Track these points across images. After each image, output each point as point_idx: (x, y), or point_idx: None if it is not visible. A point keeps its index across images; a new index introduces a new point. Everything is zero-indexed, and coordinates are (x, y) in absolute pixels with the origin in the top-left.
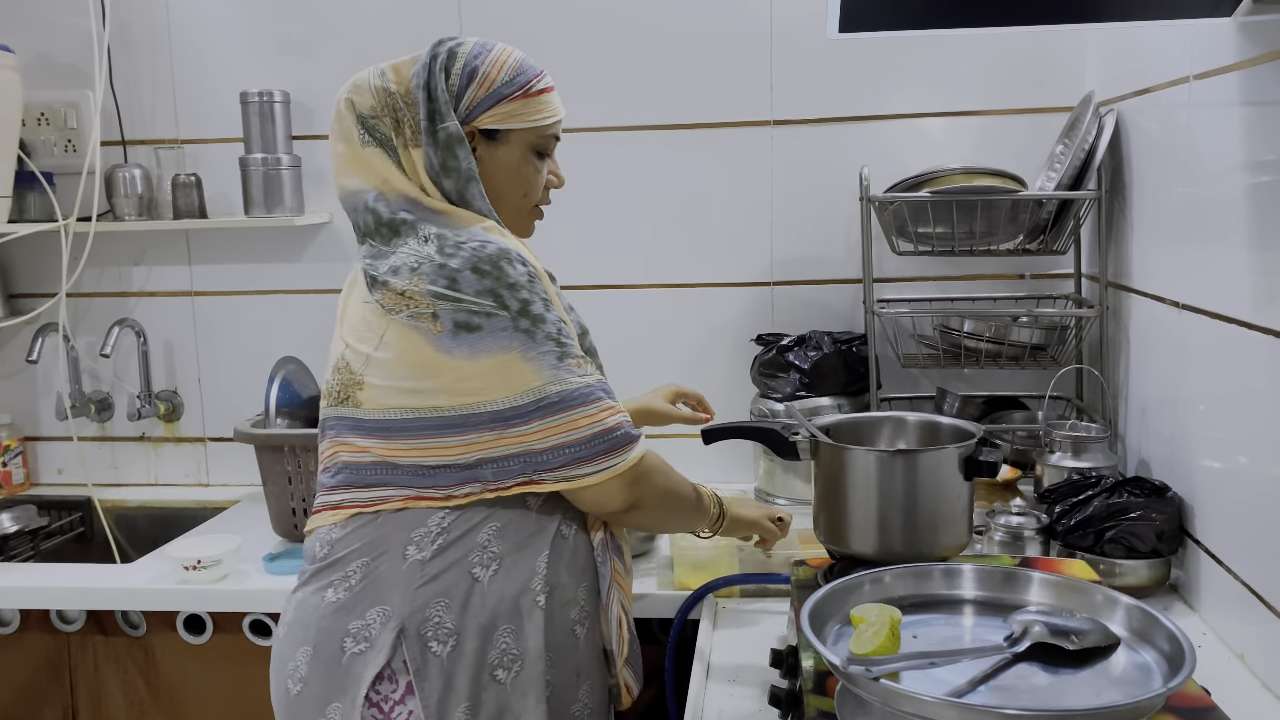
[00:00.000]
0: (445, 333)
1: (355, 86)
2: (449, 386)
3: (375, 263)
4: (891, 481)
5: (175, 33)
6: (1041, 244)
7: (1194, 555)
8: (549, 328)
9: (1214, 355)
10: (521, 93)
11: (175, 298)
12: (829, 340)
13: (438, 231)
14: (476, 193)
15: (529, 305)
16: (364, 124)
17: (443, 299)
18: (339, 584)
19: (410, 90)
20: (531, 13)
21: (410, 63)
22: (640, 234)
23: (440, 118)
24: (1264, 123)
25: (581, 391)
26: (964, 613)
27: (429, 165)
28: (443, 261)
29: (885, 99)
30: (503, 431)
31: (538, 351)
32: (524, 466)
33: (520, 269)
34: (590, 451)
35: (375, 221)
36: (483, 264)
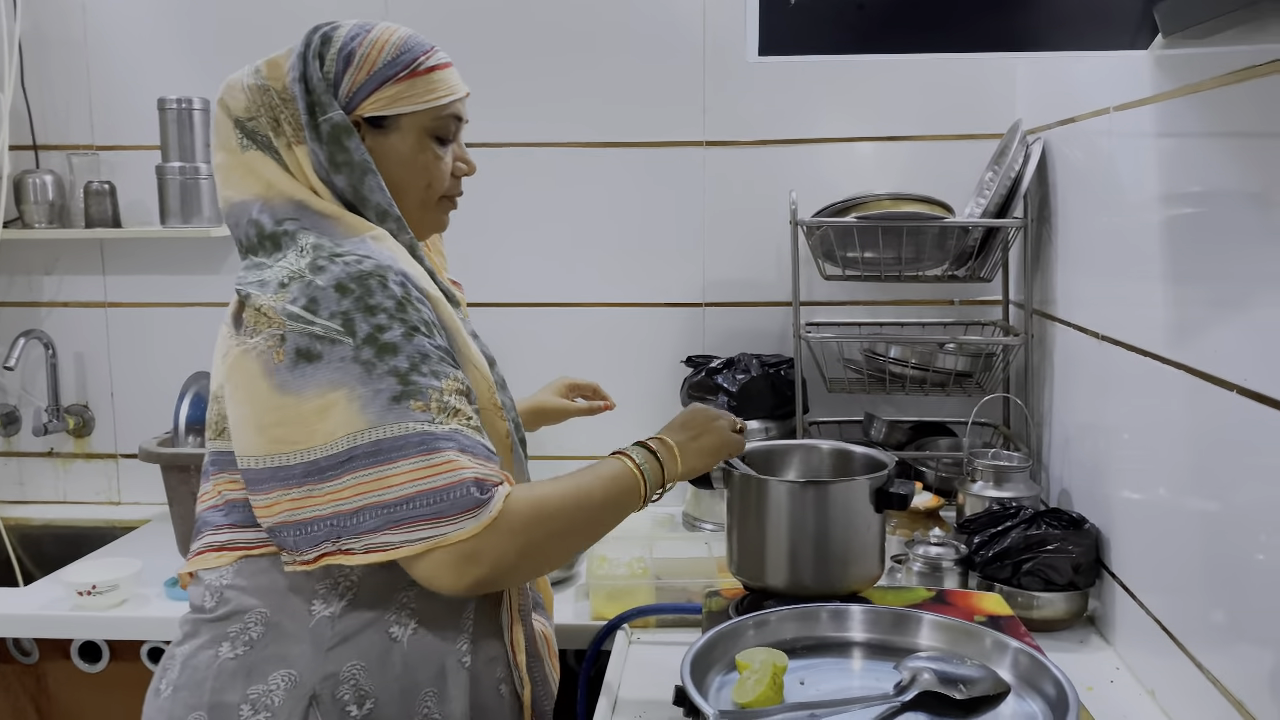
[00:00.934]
0: (284, 363)
1: (228, 88)
2: (269, 429)
3: (248, 275)
4: (802, 513)
5: (92, 35)
6: (969, 271)
7: (1110, 588)
8: (397, 361)
9: (1132, 388)
10: (408, 72)
11: (88, 309)
12: (757, 363)
13: (316, 242)
14: (374, 185)
15: (381, 332)
16: (241, 127)
17: (296, 320)
18: (236, 639)
19: (287, 85)
20: (463, 27)
21: (286, 55)
22: (571, 252)
23: (321, 109)
24: (1177, 155)
25: (409, 439)
26: (854, 656)
27: (316, 163)
28: (311, 278)
29: (817, 123)
30: (314, 488)
31: (370, 389)
32: (329, 532)
33: (393, 290)
34: (407, 515)
35: (259, 234)
36: (350, 281)
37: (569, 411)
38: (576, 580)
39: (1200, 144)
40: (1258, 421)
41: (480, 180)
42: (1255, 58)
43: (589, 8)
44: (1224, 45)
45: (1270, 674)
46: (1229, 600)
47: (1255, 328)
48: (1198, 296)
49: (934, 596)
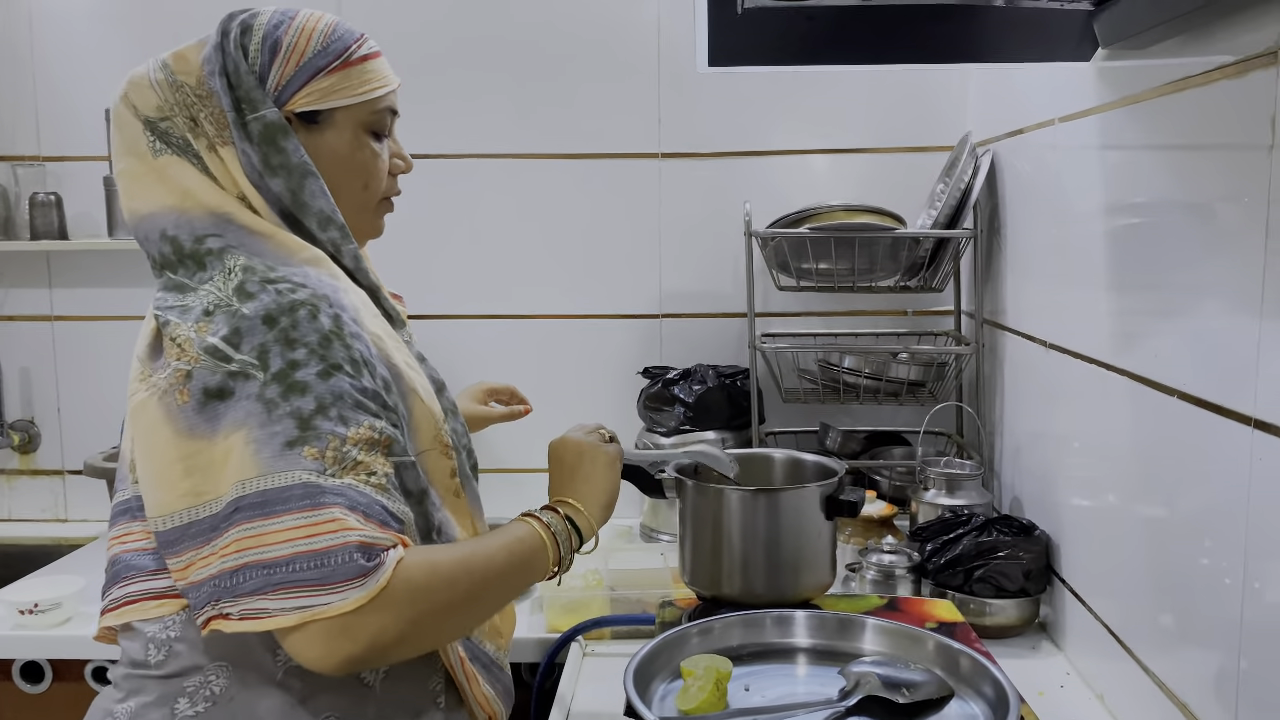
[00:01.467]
0: (190, 405)
1: (133, 85)
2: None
3: (167, 297)
4: (753, 520)
5: (39, 46)
6: (921, 281)
7: (1060, 594)
8: (303, 402)
9: (1079, 395)
10: (340, 62)
11: (34, 322)
12: (714, 374)
13: (246, 264)
14: (316, 190)
15: (294, 369)
16: (153, 129)
17: (212, 354)
18: (195, 695)
19: (203, 79)
20: (419, 37)
21: (198, 47)
22: (527, 264)
23: (250, 106)
24: (1119, 166)
25: (293, 491)
26: (799, 662)
27: (248, 166)
28: (238, 306)
29: (772, 135)
30: (216, 544)
31: (267, 432)
32: (211, 593)
33: (322, 323)
34: (284, 578)
35: (176, 252)
36: (279, 312)
37: (488, 418)
38: (531, 593)
39: (1141, 154)
40: (1197, 426)
41: (435, 191)
42: (1191, 69)
43: (545, 21)
44: (1162, 57)
45: (1215, 677)
46: (1175, 604)
47: (1194, 334)
48: (1140, 304)
49: (886, 604)
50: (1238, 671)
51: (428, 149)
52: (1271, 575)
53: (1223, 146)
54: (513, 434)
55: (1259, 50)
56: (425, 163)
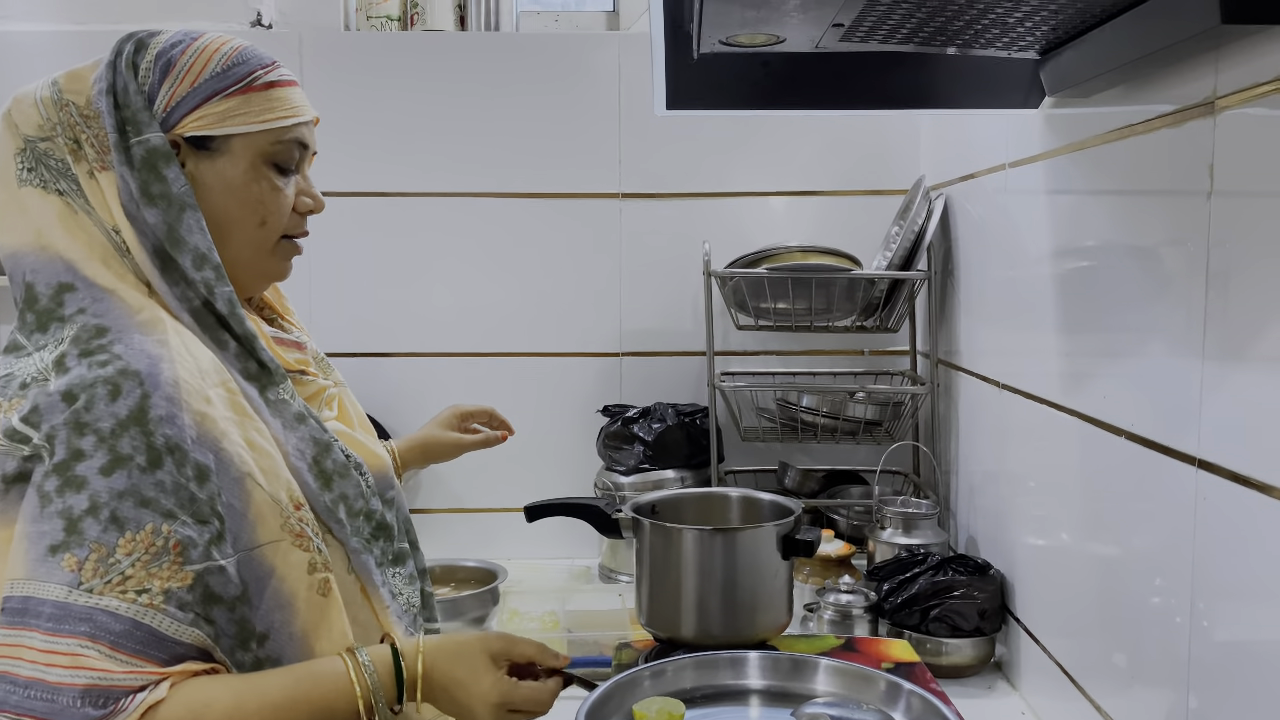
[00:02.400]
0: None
1: (17, 102)
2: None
3: (4, 359)
4: (710, 560)
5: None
6: (877, 321)
7: (1015, 633)
8: (75, 500)
9: (1030, 435)
10: (241, 86)
11: None
12: (673, 413)
13: (76, 331)
14: (193, 224)
15: (77, 460)
16: (31, 151)
17: (10, 438)
18: None
19: (90, 99)
20: (375, 77)
21: (91, 67)
22: (487, 302)
23: (134, 128)
24: (1066, 210)
25: (44, 608)
26: (751, 704)
27: (125, 195)
28: (47, 380)
29: (731, 177)
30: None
31: (35, 529)
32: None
33: (120, 406)
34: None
35: (28, 301)
36: (80, 389)
37: (463, 445)
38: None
39: (1086, 199)
40: (1144, 466)
41: (397, 229)
42: (1133, 117)
43: (506, 60)
44: (1105, 105)
45: (1166, 715)
46: (1126, 643)
47: (1140, 375)
48: (1088, 345)
49: (843, 644)
50: (1187, 710)
51: (385, 187)
52: (1218, 614)
53: (1164, 192)
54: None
55: (1197, 100)
56: (385, 201)
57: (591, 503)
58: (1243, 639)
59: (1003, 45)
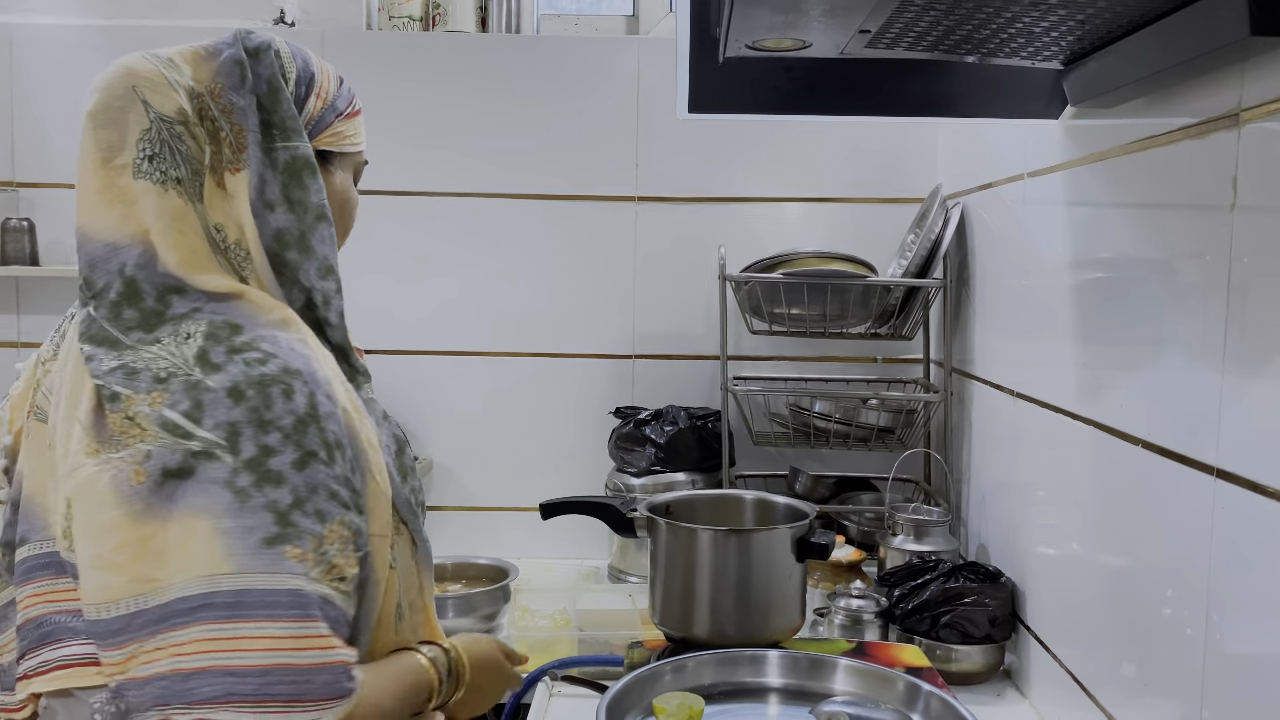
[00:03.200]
0: (145, 486)
1: (145, 80)
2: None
3: (104, 357)
4: (724, 561)
5: (18, 70)
6: (891, 329)
7: (1025, 641)
8: (279, 494)
9: (1044, 443)
10: (350, 110)
11: (1, 349)
12: (685, 415)
13: (209, 326)
14: (325, 236)
15: (269, 456)
16: (159, 133)
17: (170, 431)
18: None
19: (221, 94)
20: (396, 76)
21: (201, 56)
22: (503, 302)
23: (283, 134)
24: (1084, 221)
25: (279, 596)
26: (770, 702)
27: (258, 194)
28: (200, 377)
29: (747, 182)
30: (164, 638)
31: (240, 524)
32: (161, 695)
33: (297, 403)
34: (258, 692)
35: (127, 297)
36: (248, 386)
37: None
38: (498, 632)
39: (1106, 211)
40: (1160, 475)
41: (411, 227)
42: (1156, 129)
43: (526, 62)
44: (1128, 116)
45: None
46: (1138, 653)
47: (1158, 385)
48: (1105, 356)
49: (854, 649)
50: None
51: (405, 186)
52: (1232, 626)
53: (1186, 204)
54: (482, 469)
55: (1221, 112)
56: (402, 200)
57: (607, 501)
58: (1259, 651)
59: (1027, 55)
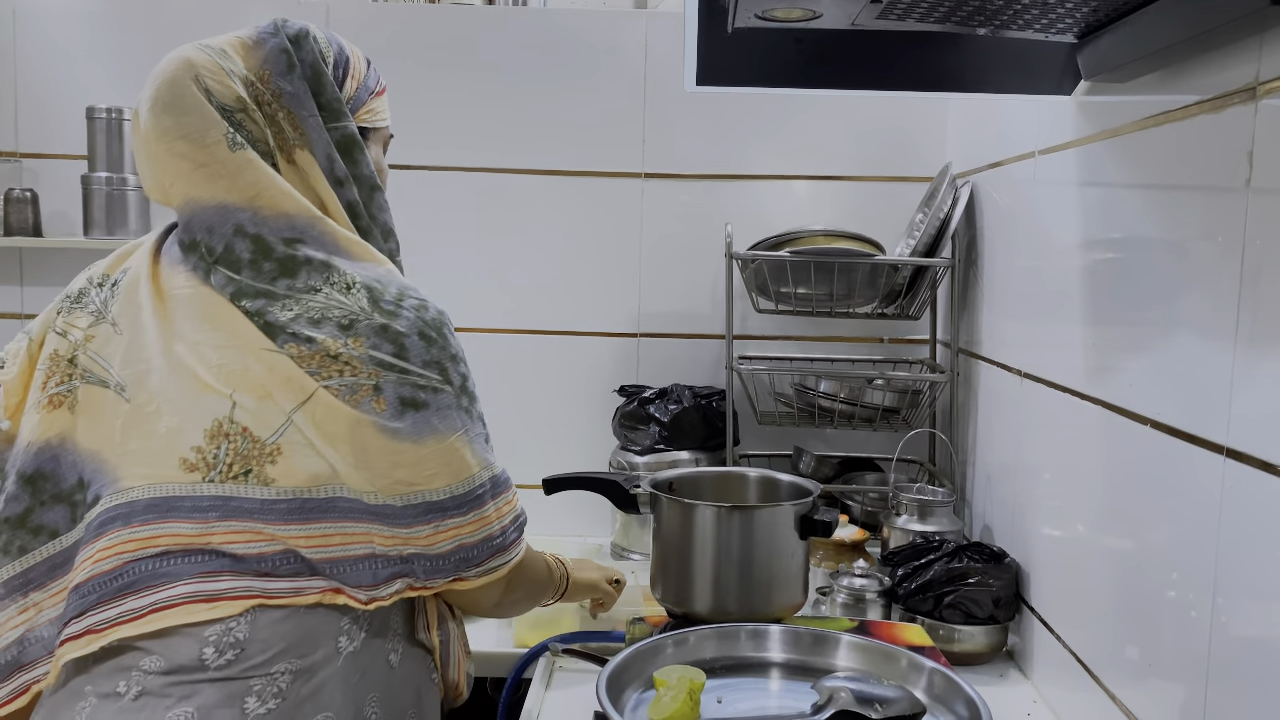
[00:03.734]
0: (389, 411)
1: (204, 70)
2: (386, 472)
3: (270, 307)
4: (727, 537)
5: (21, 41)
6: (898, 309)
7: (1029, 622)
8: (479, 406)
9: (1052, 424)
10: (380, 88)
11: (3, 320)
12: (690, 394)
13: (363, 281)
14: (383, 202)
15: (467, 380)
16: (230, 118)
17: (389, 369)
18: (264, 692)
19: (270, 79)
20: (399, 49)
21: (247, 45)
22: (507, 278)
23: (332, 115)
24: (1096, 199)
25: (504, 477)
26: (772, 676)
27: (329, 172)
28: (385, 322)
29: (755, 160)
30: (440, 524)
31: (475, 433)
32: (458, 564)
33: (456, 338)
34: (504, 540)
35: (258, 251)
36: (429, 329)
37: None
38: None
39: (1119, 188)
40: (1169, 455)
41: (415, 202)
42: (1171, 104)
43: (533, 36)
44: (1142, 92)
45: (1181, 707)
46: (1142, 635)
47: (1168, 365)
48: (1115, 336)
49: (857, 627)
50: (1204, 703)
51: (410, 160)
52: (1238, 608)
53: (1200, 180)
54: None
55: (1237, 86)
56: (407, 174)
57: (610, 477)
58: (1266, 635)
59: (1041, 27)
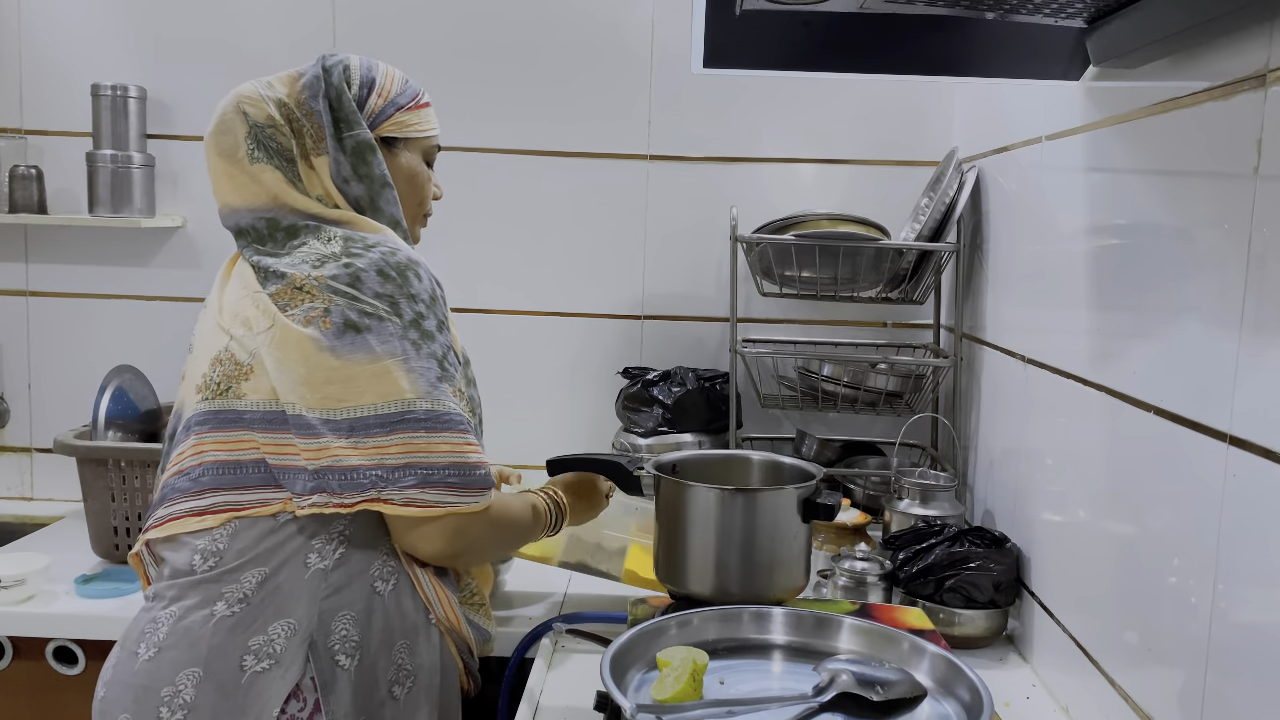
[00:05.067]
0: (332, 330)
1: (246, 98)
2: (320, 386)
3: (268, 259)
4: (730, 520)
5: (26, 18)
6: (902, 293)
7: (1029, 607)
8: (434, 348)
9: (1055, 410)
10: (413, 103)
11: (8, 297)
12: (693, 377)
13: (345, 234)
14: (391, 198)
15: (422, 320)
16: (256, 136)
17: (339, 294)
18: (230, 597)
19: (304, 102)
20: (403, 29)
21: (294, 77)
22: (512, 259)
23: (347, 125)
24: (1103, 185)
25: (452, 417)
26: (774, 659)
27: (335, 172)
28: (348, 261)
29: (760, 143)
30: (361, 440)
31: (418, 365)
32: (374, 482)
33: (425, 284)
34: (442, 479)
35: (271, 227)
36: (389, 269)
37: None
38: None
39: (1126, 174)
40: (1172, 442)
41: None
42: (1179, 90)
43: (538, 19)
44: (1151, 78)
45: (1180, 692)
46: (1142, 621)
47: (1173, 352)
48: (1120, 322)
49: (857, 610)
50: (1204, 688)
51: None
52: (1239, 595)
53: (1208, 167)
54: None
55: (1246, 73)
56: None
57: (614, 459)
58: (1266, 620)
59: (1050, 12)
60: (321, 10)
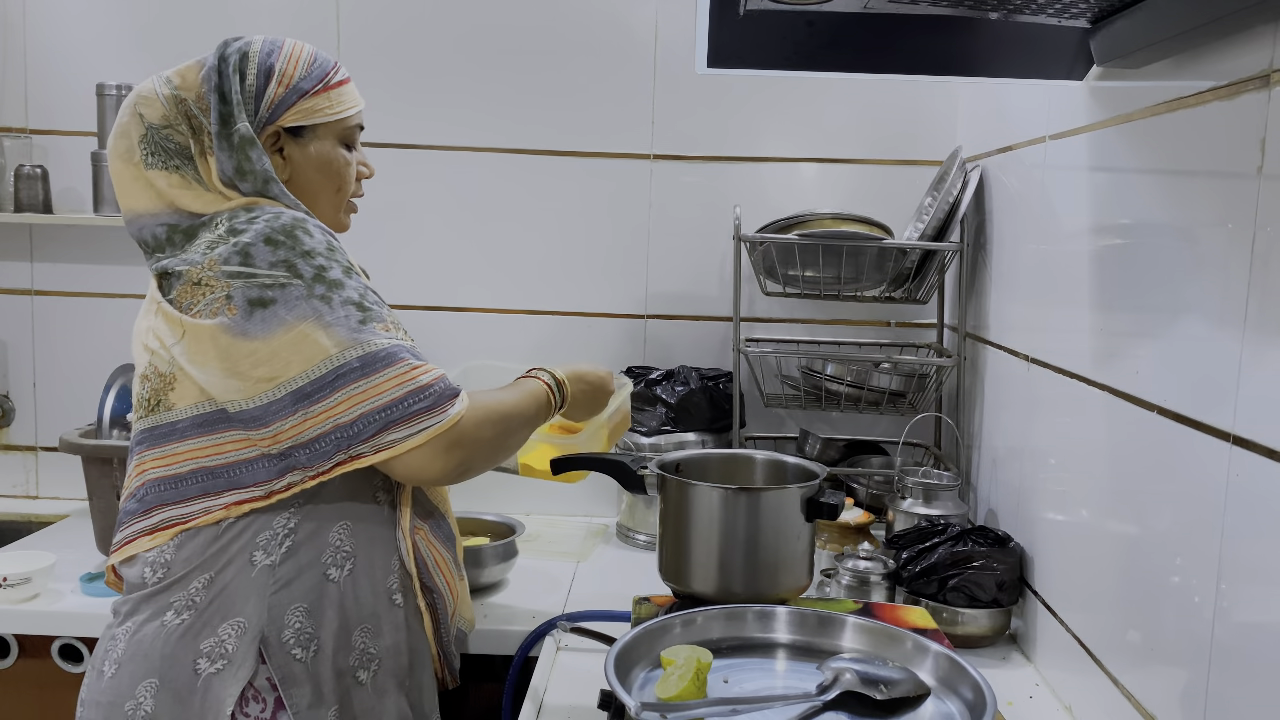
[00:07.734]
0: (239, 314)
1: (142, 98)
2: (248, 373)
3: (167, 260)
4: (733, 519)
5: (31, 17)
6: (906, 293)
7: (1032, 606)
8: (348, 292)
9: (1058, 409)
10: (322, 86)
11: (13, 296)
12: (696, 376)
13: (228, 216)
14: (278, 191)
15: (325, 271)
16: (152, 139)
17: (236, 277)
18: (180, 606)
19: (202, 95)
20: (406, 27)
21: (196, 67)
22: (515, 259)
23: (231, 120)
24: (1106, 185)
25: (386, 352)
26: (778, 657)
27: (222, 171)
28: (234, 239)
29: (763, 142)
30: (307, 410)
31: (335, 317)
32: (337, 444)
33: (318, 237)
34: (403, 413)
35: (170, 232)
36: (276, 234)
37: None
38: (504, 587)
39: (1130, 174)
40: (1175, 441)
41: (422, 181)
42: (1184, 90)
43: (543, 18)
44: (1155, 78)
45: (1183, 691)
46: (1145, 620)
47: (1176, 352)
48: (1123, 322)
49: (861, 609)
50: (1206, 687)
51: (419, 140)
52: (1242, 594)
53: (1212, 167)
54: None
55: (1251, 73)
56: (411, 154)
57: (617, 458)
58: (1269, 620)
59: (1054, 12)
60: (325, 10)
